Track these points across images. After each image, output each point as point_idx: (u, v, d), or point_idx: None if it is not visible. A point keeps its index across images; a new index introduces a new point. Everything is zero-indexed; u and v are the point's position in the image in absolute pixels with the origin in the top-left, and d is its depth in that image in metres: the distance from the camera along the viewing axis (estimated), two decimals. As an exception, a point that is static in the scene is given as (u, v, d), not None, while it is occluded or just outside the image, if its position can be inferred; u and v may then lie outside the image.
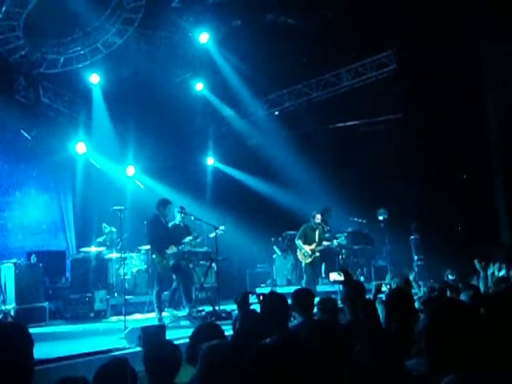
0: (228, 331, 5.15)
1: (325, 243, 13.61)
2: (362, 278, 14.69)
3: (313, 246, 13.42)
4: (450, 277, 9.94)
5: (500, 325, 3.48)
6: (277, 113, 17.97)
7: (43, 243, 15.35)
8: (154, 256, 10.90)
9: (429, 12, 13.53)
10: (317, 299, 6.17)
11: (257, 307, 5.39)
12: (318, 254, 13.53)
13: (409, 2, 13.81)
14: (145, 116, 16.07)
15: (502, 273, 8.54)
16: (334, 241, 13.99)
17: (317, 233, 13.52)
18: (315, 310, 6.04)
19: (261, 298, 5.33)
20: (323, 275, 13.91)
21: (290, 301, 5.39)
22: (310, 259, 13.46)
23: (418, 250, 14.20)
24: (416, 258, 14.10)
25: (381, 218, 14.28)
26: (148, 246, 12.30)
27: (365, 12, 14.00)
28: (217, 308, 10.65)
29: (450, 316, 2.83)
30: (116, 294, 12.99)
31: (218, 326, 4.80)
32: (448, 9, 13.20)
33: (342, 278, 5.40)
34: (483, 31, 13.58)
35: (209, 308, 10.79)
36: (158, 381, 4.08)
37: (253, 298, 5.32)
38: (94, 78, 15.27)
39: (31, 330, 3.31)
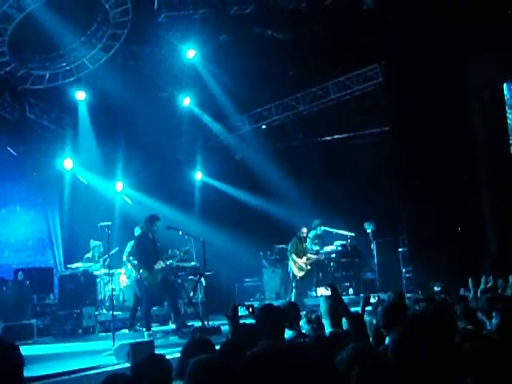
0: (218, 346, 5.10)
1: (310, 256, 13.65)
2: (350, 291, 14.68)
3: (304, 259, 13.48)
4: (436, 288, 9.94)
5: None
6: (264, 127, 17.98)
7: (30, 260, 15.24)
8: (141, 271, 10.88)
9: (414, 25, 13.64)
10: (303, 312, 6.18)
11: (247, 319, 5.36)
12: (309, 267, 13.56)
13: (394, 15, 13.93)
14: (132, 131, 16.00)
15: (490, 285, 8.57)
16: (322, 254, 14.01)
17: (303, 245, 13.60)
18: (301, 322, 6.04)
19: (250, 309, 5.30)
20: (313, 289, 13.93)
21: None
22: (303, 273, 13.48)
23: (406, 262, 14.21)
24: (404, 270, 14.11)
25: (369, 230, 14.31)
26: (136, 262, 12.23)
27: (351, 26, 14.11)
28: (206, 323, 10.60)
29: (419, 330, 2.84)
30: (104, 310, 12.90)
31: (210, 341, 4.74)
32: (433, 22, 13.32)
33: (329, 293, 5.40)
34: (469, 43, 13.70)
35: (198, 323, 10.73)
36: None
37: (242, 311, 5.29)
38: (80, 95, 15.19)
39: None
